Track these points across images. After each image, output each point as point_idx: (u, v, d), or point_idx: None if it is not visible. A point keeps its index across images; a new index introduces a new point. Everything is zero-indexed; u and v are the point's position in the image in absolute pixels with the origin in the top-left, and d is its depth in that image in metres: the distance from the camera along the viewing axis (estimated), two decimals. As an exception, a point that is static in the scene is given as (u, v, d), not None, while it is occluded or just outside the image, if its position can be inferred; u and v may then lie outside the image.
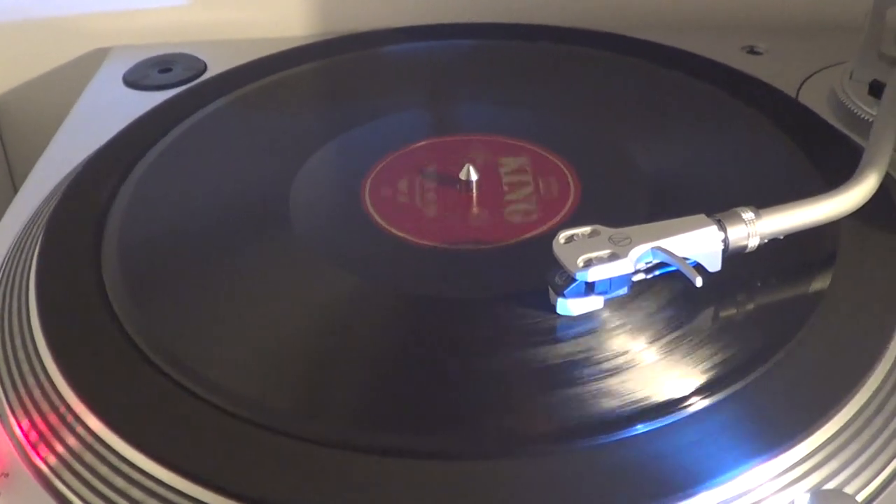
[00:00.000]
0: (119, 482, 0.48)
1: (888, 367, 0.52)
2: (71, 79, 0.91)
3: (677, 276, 0.53)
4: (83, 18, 0.92)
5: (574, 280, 0.52)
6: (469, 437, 0.49)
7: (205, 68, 0.87)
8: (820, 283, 0.56)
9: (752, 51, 0.86)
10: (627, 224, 0.54)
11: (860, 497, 0.48)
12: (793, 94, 0.78)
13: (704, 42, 0.83)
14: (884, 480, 0.49)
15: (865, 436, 0.49)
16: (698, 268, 0.53)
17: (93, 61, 0.91)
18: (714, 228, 0.54)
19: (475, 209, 0.63)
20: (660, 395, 0.50)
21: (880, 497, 0.48)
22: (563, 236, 0.53)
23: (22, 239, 0.65)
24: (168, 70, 0.86)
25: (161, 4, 0.93)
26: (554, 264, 0.53)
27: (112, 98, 0.84)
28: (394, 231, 0.61)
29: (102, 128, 0.74)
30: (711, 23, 0.92)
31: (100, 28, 0.92)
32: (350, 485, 0.46)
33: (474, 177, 0.64)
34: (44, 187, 0.71)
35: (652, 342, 0.53)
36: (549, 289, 0.54)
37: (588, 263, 0.52)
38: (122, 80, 0.86)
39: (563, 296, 0.53)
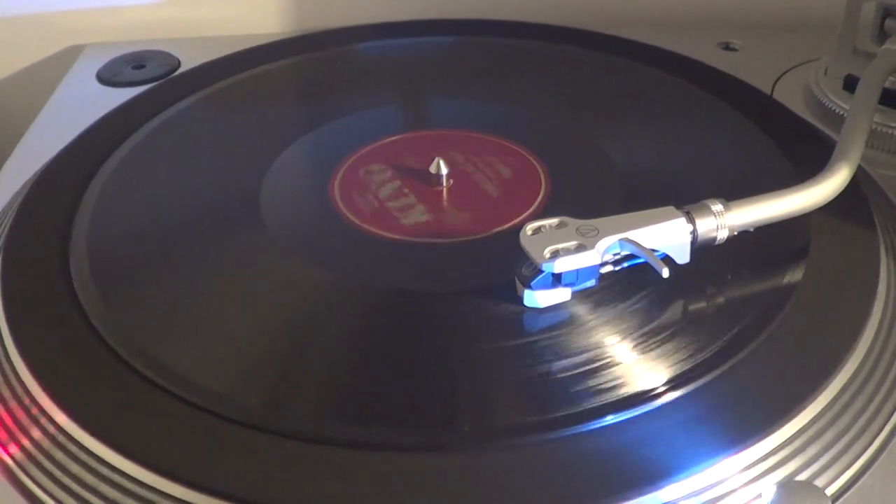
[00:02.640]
0: (85, 476, 0.48)
1: (858, 361, 0.52)
2: (45, 75, 0.91)
3: (647, 268, 0.52)
4: (57, 15, 0.92)
5: (541, 271, 0.52)
6: (439, 430, 0.49)
7: (178, 65, 0.86)
8: (791, 276, 0.56)
9: (727, 47, 0.86)
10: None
11: (830, 490, 0.48)
12: (768, 91, 0.78)
13: (680, 38, 0.83)
14: (854, 474, 0.49)
15: (836, 429, 0.49)
16: (667, 260, 0.53)
17: (67, 58, 0.91)
18: (682, 220, 0.54)
19: (445, 203, 0.63)
20: (629, 386, 0.50)
21: (850, 490, 0.48)
22: (530, 228, 0.53)
23: (-9, 234, 0.65)
24: (142, 67, 0.86)
25: (135, 2, 0.93)
26: (522, 256, 0.53)
27: (85, 95, 0.83)
28: (363, 225, 0.61)
29: (75, 124, 0.74)
30: (687, 19, 0.92)
31: (74, 25, 0.92)
32: (322, 478, 0.46)
33: (444, 171, 0.63)
34: (15, 183, 0.71)
35: (621, 334, 0.53)
36: (517, 281, 0.54)
37: (555, 254, 0.52)
38: (96, 76, 0.86)
39: (530, 287, 0.53)
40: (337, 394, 0.51)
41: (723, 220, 0.54)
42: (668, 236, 0.53)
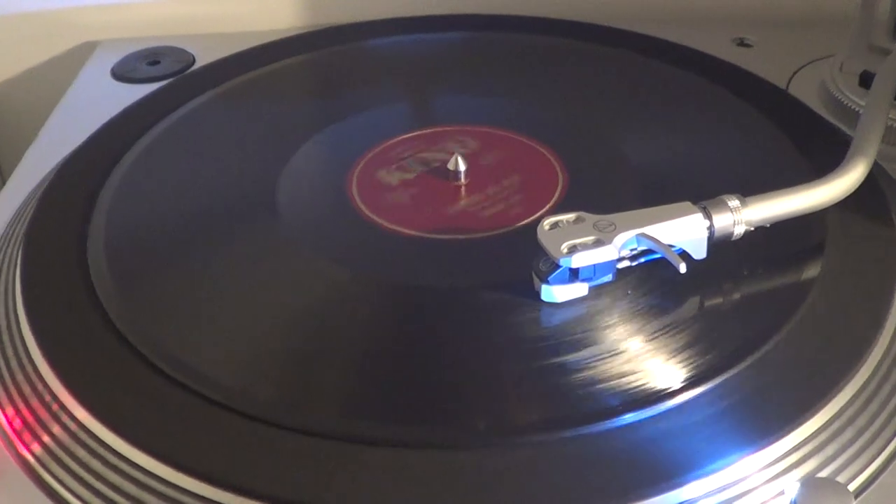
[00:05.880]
0: (105, 472, 0.48)
1: (879, 357, 0.52)
2: (59, 72, 0.91)
3: (665, 264, 0.53)
4: (72, 12, 0.92)
5: (558, 266, 0.52)
6: (456, 427, 0.49)
7: (193, 61, 0.86)
8: (809, 272, 0.56)
9: (742, 43, 0.86)
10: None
11: (852, 486, 0.47)
12: (783, 87, 0.78)
13: (694, 34, 0.83)
14: (875, 469, 0.49)
15: (857, 425, 0.49)
16: (684, 255, 0.53)
17: (81, 54, 0.91)
18: (699, 216, 0.54)
19: (463, 199, 0.63)
20: (649, 383, 0.50)
21: (872, 486, 0.48)
22: (547, 223, 0.53)
23: (9, 230, 0.65)
24: (156, 63, 0.86)
25: (149, -2, 0.93)
26: (539, 251, 0.53)
27: (100, 91, 0.83)
28: (381, 221, 0.61)
29: (90, 120, 0.74)
30: (701, 15, 0.91)
31: (88, 21, 0.92)
32: (339, 474, 0.46)
33: (462, 167, 0.63)
34: (31, 179, 0.71)
35: (639, 330, 0.52)
36: (534, 276, 0.54)
37: (572, 249, 0.52)
38: (111, 73, 0.86)
39: (548, 282, 0.53)
40: (355, 390, 0.51)
41: (739, 216, 0.54)
42: (685, 231, 0.54)
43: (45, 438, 0.50)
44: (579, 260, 0.52)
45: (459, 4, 0.89)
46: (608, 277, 0.54)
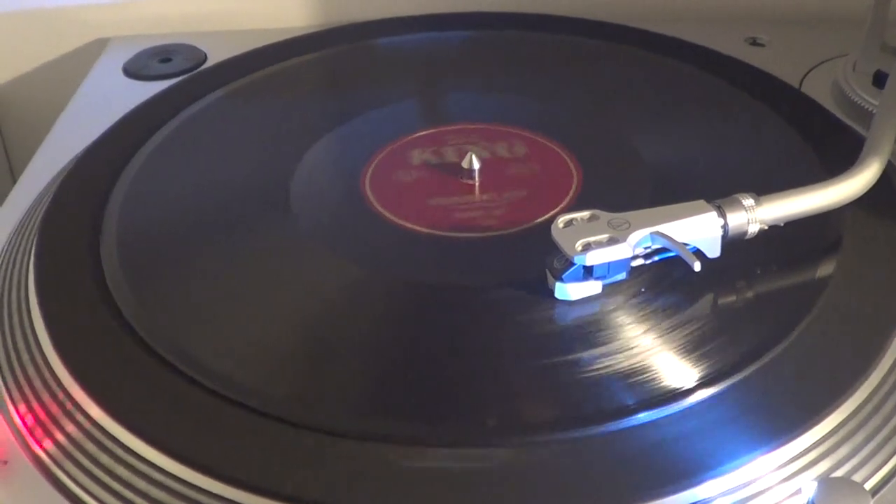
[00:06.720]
0: (118, 469, 0.48)
1: (895, 356, 0.52)
2: (71, 69, 0.91)
3: (679, 262, 0.52)
4: (83, 9, 0.92)
5: (572, 264, 0.52)
6: (469, 426, 0.49)
7: (205, 58, 0.86)
8: (824, 271, 0.56)
9: (754, 42, 0.86)
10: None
11: (868, 485, 0.47)
12: (796, 86, 0.78)
13: (707, 33, 0.83)
14: (892, 468, 0.48)
15: (874, 424, 0.49)
16: (698, 254, 0.53)
17: (93, 51, 0.91)
18: (713, 214, 0.54)
19: (477, 197, 0.63)
20: (663, 383, 0.49)
21: (888, 485, 0.48)
22: (562, 220, 0.53)
23: (21, 228, 0.65)
24: (168, 60, 0.86)
25: (161, -5, 0.93)
26: (553, 249, 0.53)
27: (112, 88, 0.83)
28: (395, 219, 0.61)
29: (102, 118, 0.74)
30: (714, 14, 0.91)
31: (100, 18, 0.92)
32: (352, 472, 0.46)
33: (476, 165, 0.63)
34: (43, 177, 0.71)
35: (654, 329, 0.52)
36: (548, 273, 0.54)
37: (586, 247, 0.52)
38: (122, 70, 0.86)
39: (562, 280, 0.53)
40: (369, 388, 0.51)
41: (754, 215, 0.54)
42: (699, 230, 0.54)
43: (58, 436, 0.50)
44: (593, 258, 0.52)
45: (473, 2, 0.89)
46: (622, 275, 0.54)
